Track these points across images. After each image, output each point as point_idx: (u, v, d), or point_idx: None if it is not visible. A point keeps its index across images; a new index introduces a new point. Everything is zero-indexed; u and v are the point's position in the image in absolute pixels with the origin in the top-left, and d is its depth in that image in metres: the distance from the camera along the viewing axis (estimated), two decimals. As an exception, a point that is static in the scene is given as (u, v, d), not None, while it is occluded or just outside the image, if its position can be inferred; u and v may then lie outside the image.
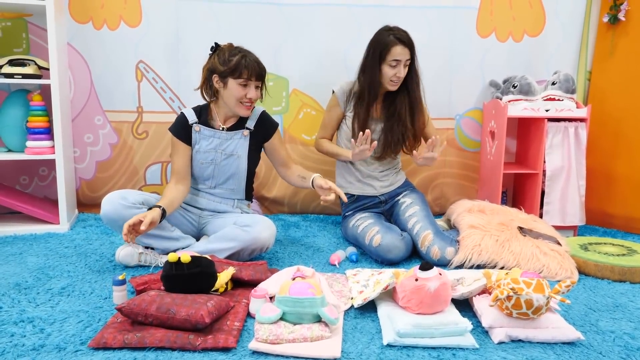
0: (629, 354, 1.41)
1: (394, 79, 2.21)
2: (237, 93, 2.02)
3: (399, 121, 2.29)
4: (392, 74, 2.20)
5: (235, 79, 2.01)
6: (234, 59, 2.00)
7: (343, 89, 2.36)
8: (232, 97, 2.03)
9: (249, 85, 2.02)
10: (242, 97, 2.03)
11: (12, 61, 2.40)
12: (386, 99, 2.32)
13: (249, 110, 2.09)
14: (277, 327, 1.44)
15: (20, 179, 2.78)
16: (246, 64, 1.99)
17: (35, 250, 2.17)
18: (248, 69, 1.99)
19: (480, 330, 1.53)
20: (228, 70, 2.00)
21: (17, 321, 1.52)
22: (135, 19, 2.65)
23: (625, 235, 2.63)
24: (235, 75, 2.00)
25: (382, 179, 2.39)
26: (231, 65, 2.00)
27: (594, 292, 1.86)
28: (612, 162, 2.71)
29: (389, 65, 2.20)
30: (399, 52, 2.18)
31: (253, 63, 2.01)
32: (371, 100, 2.27)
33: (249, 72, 2.00)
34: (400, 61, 2.18)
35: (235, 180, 2.18)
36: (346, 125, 2.36)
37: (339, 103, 2.36)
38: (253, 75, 2.01)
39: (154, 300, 1.44)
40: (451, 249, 2.08)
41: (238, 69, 1.99)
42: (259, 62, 2.04)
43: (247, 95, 2.03)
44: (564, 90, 2.54)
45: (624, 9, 2.62)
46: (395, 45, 2.17)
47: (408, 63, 2.22)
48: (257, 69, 2.01)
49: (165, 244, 2.02)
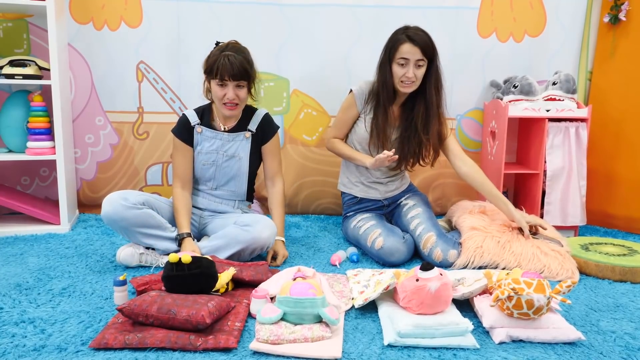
0: (629, 354, 1.41)
1: (404, 79, 2.10)
2: (217, 93, 2.00)
3: (415, 131, 2.19)
4: (401, 73, 2.10)
5: (213, 79, 1.99)
6: (212, 58, 1.98)
7: (362, 89, 2.25)
8: (215, 97, 2.03)
9: (225, 85, 1.98)
10: (221, 97, 2.00)
11: (12, 62, 2.40)
12: (406, 105, 2.23)
13: (232, 111, 2.04)
14: (278, 327, 1.44)
15: (21, 180, 2.79)
16: (220, 64, 1.94)
17: (36, 251, 2.17)
18: (220, 69, 1.94)
19: (481, 331, 1.53)
20: (207, 70, 2.01)
21: (18, 322, 1.52)
22: (136, 20, 2.65)
23: (626, 235, 2.63)
24: (212, 76, 1.99)
25: (388, 184, 2.37)
26: (208, 65, 1.99)
27: (594, 292, 1.86)
28: (613, 162, 2.71)
29: (398, 64, 2.10)
30: (407, 50, 2.07)
31: (227, 63, 1.93)
32: (386, 101, 2.18)
33: (222, 73, 1.94)
34: (408, 60, 2.08)
35: (236, 182, 2.18)
36: (358, 126, 2.29)
37: (355, 103, 2.26)
38: (227, 75, 1.94)
39: (155, 301, 1.44)
40: (454, 251, 2.08)
41: (213, 69, 1.96)
42: (237, 62, 1.94)
43: (225, 95, 1.99)
44: (565, 91, 2.54)
45: (624, 9, 2.62)
46: (404, 43, 2.07)
47: (422, 64, 2.10)
48: (230, 69, 1.93)
49: (165, 244, 2.02)
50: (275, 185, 2.23)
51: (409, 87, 2.13)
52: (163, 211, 2.09)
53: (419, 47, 2.07)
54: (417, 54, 2.08)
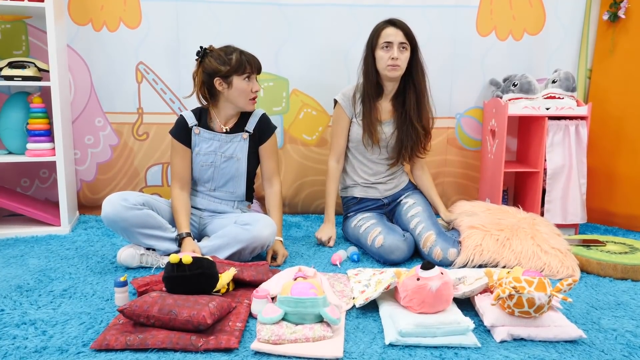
0: (631, 352, 1.41)
1: (390, 62, 2.14)
2: (243, 89, 2.05)
3: (410, 122, 2.24)
4: (386, 57, 2.15)
5: (239, 75, 2.03)
6: (232, 57, 2.03)
7: (346, 95, 2.31)
8: (241, 94, 2.06)
9: (251, 79, 2.07)
10: (249, 92, 2.07)
11: (12, 63, 2.40)
12: (397, 99, 2.28)
13: (254, 104, 2.13)
14: (279, 327, 1.43)
15: (21, 182, 2.78)
16: (247, 58, 2.04)
17: (37, 253, 2.17)
18: (250, 63, 2.05)
19: (482, 329, 1.53)
20: (232, 69, 2.02)
21: (19, 323, 1.52)
22: (135, 21, 2.65)
23: (627, 233, 2.63)
24: (239, 72, 2.03)
25: (387, 183, 2.39)
26: (233, 64, 2.02)
27: (595, 290, 1.86)
28: (613, 160, 2.70)
29: (382, 49, 2.16)
30: (389, 32, 2.15)
31: (252, 57, 2.07)
32: (373, 94, 2.23)
33: (252, 66, 2.05)
34: (391, 43, 2.14)
35: (235, 183, 2.18)
36: (351, 131, 2.33)
37: (344, 111, 2.30)
38: (255, 68, 2.06)
39: (156, 302, 1.44)
40: (453, 250, 2.08)
41: (241, 65, 2.03)
42: (254, 55, 2.10)
43: (252, 89, 2.07)
44: (565, 89, 2.54)
45: (624, 6, 2.62)
46: (386, 27, 2.18)
47: (405, 48, 2.16)
48: (257, 61, 2.08)
49: (166, 245, 2.02)
50: (272, 186, 2.23)
51: (395, 70, 2.17)
52: (163, 212, 2.09)
53: (401, 29, 2.16)
54: (399, 36, 2.15)
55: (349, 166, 2.40)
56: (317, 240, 2.35)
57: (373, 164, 2.35)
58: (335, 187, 2.38)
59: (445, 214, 2.38)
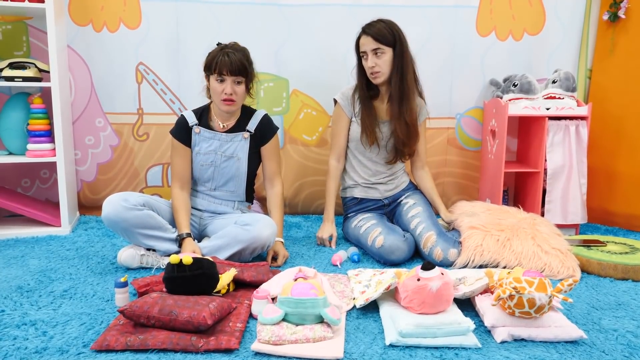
0: (632, 352, 1.40)
1: (369, 70, 2.20)
2: (215, 89, 2.04)
3: (403, 119, 2.24)
4: (367, 66, 2.20)
5: (212, 74, 2.03)
6: (212, 55, 2.04)
7: (345, 95, 2.33)
8: (214, 93, 2.06)
9: (224, 80, 2.02)
10: (220, 92, 2.03)
11: (12, 64, 2.40)
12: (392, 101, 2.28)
13: (230, 107, 2.06)
14: (280, 328, 1.43)
15: (22, 182, 2.79)
16: (219, 59, 1.99)
17: (37, 253, 2.17)
18: (219, 64, 1.99)
19: (482, 330, 1.53)
20: (207, 67, 2.05)
21: (19, 324, 1.52)
22: (135, 21, 2.65)
23: (627, 233, 2.63)
24: (211, 71, 2.03)
25: (388, 183, 2.39)
26: (208, 61, 2.04)
27: (596, 291, 1.86)
28: (614, 160, 2.70)
29: (363, 59, 2.23)
30: (362, 42, 2.19)
31: (226, 59, 1.99)
32: (365, 97, 2.27)
33: (221, 67, 1.99)
34: (365, 52, 2.19)
35: (235, 183, 2.18)
36: (350, 130, 2.34)
37: (343, 110, 2.32)
38: (225, 70, 1.99)
39: (156, 302, 1.44)
40: (454, 250, 2.08)
41: (212, 64, 2.02)
42: (236, 58, 2.00)
43: (224, 90, 2.02)
44: (565, 89, 2.54)
45: (623, 6, 2.62)
46: (360, 37, 2.21)
47: (381, 52, 2.16)
48: (228, 64, 1.98)
49: (166, 245, 2.02)
50: (274, 187, 2.23)
51: (377, 77, 2.21)
52: (163, 212, 2.09)
53: (371, 35, 2.16)
54: (370, 44, 2.16)
55: (349, 166, 2.40)
56: (318, 240, 2.35)
57: (373, 164, 2.35)
58: (335, 186, 2.39)
59: (445, 214, 2.38)
